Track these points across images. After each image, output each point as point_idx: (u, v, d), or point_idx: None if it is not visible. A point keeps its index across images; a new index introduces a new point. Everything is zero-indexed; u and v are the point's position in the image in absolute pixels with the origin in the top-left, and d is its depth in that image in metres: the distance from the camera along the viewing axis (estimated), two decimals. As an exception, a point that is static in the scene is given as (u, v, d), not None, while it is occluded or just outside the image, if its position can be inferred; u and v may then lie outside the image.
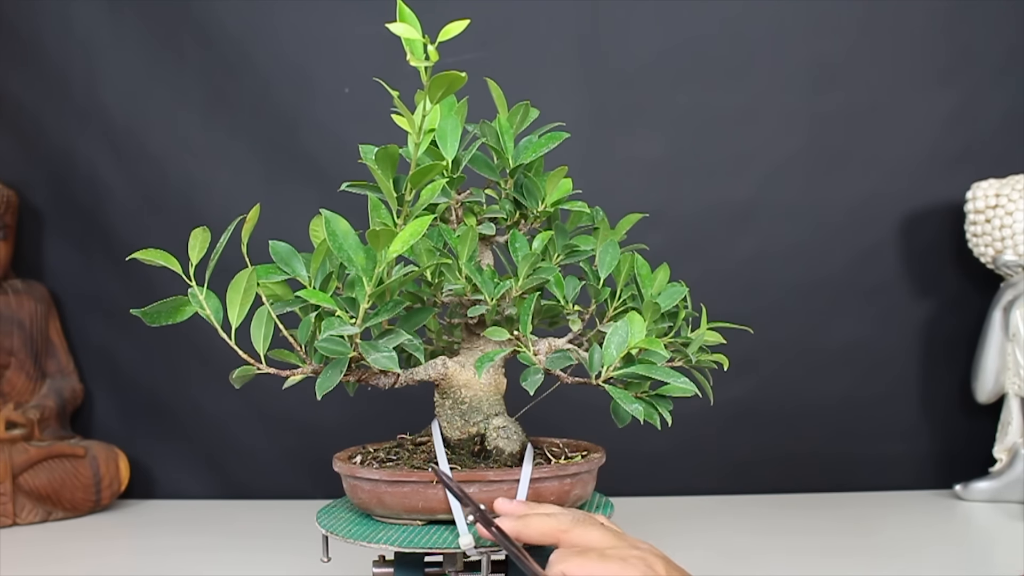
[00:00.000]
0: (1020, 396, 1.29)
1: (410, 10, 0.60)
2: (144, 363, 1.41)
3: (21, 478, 1.27)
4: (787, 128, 1.36)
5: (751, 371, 1.34)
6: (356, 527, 0.71)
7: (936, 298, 1.36)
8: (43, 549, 1.16)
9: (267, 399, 1.36)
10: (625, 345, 0.69)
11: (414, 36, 0.59)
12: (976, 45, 1.34)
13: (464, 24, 0.61)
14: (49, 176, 1.42)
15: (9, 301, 1.37)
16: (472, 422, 0.75)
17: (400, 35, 0.60)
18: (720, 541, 1.12)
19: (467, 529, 0.67)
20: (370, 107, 1.35)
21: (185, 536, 1.20)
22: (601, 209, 0.80)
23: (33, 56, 1.39)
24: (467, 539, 0.66)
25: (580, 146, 0.76)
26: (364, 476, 0.70)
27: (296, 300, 0.72)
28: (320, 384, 0.64)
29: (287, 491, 1.38)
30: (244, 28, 1.37)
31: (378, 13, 1.37)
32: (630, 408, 0.69)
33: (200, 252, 0.67)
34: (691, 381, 0.71)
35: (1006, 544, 1.11)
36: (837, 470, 1.36)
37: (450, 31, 0.60)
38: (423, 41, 0.59)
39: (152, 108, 1.38)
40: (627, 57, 1.36)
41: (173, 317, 0.68)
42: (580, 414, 1.06)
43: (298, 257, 0.72)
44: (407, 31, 0.59)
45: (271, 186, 1.37)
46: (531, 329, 0.71)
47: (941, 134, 1.35)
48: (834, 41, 1.35)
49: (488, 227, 0.73)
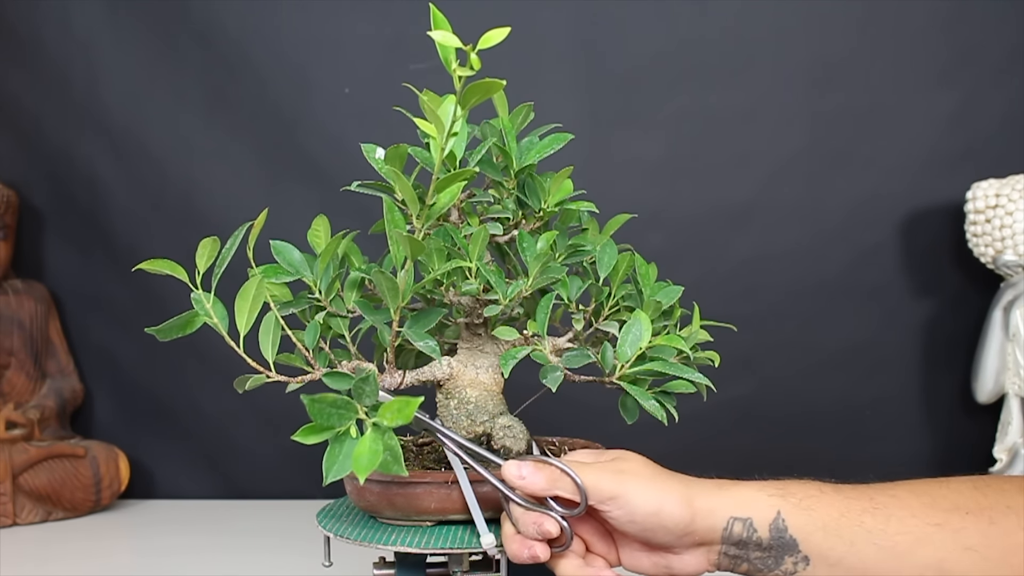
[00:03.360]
0: (1020, 396, 1.29)
1: (443, 16, 0.60)
2: (144, 363, 1.41)
3: (21, 478, 1.27)
4: (787, 128, 1.36)
5: (751, 371, 1.34)
6: (362, 529, 0.71)
7: (936, 298, 1.36)
8: (43, 549, 1.16)
9: (267, 399, 1.36)
10: (639, 342, 0.70)
11: (453, 43, 0.59)
12: (976, 45, 1.34)
13: (505, 32, 0.60)
14: (49, 176, 1.42)
15: (9, 301, 1.37)
16: (478, 422, 0.75)
17: (438, 41, 0.59)
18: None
19: (487, 528, 0.67)
20: (370, 107, 1.36)
21: (185, 536, 1.20)
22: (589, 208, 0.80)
23: (33, 56, 1.39)
24: (489, 539, 0.67)
25: (580, 146, 0.76)
26: (374, 478, 0.70)
27: (304, 300, 0.72)
28: (327, 467, 0.64)
29: (287, 491, 1.38)
30: (244, 28, 1.37)
31: (378, 13, 1.37)
32: (646, 404, 0.70)
33: (208, 262, 0.67)
34: (703, 376, 0.73)
35: (1006, 544, 1.11)
36: (837, 470, 1.34)
37: (490, 39, 0.59)
38: (466, 48, 0.58)
39: (152, 108, 1.38)
40: (627, 57, 1.36)
41: (184, 330, 0.68)
42: (579, 414, 1.06)
43: (303, 259, 0.72)
44: (445, 38, 0.59)
45: (271, 186, 1.37)
46: (546, 328, 0.72)
47: (941, 134, 1.34)
48: (834, 41, 1.35)
49: (495, 227, 0.73)
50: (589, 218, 0.80)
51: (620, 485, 0.63)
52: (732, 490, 0.64)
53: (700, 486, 0.65)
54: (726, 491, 0.64)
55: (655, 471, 0.66)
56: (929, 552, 0.62)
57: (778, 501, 0.63)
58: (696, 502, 0.63)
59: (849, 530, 0.63)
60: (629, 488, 0.63)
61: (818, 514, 0.63)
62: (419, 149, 0.71)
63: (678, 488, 0.64)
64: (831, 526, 0.63)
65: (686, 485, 0.64)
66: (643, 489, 0.63)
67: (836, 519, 0.63)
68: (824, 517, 0.63)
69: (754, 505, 0.64)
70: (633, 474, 0.65)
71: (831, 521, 0.63)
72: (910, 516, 0.63)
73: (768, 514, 0.63)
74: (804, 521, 0.63)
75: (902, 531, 0.62)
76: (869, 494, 0.65)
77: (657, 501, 0.63)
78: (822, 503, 0.64)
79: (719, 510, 0.63)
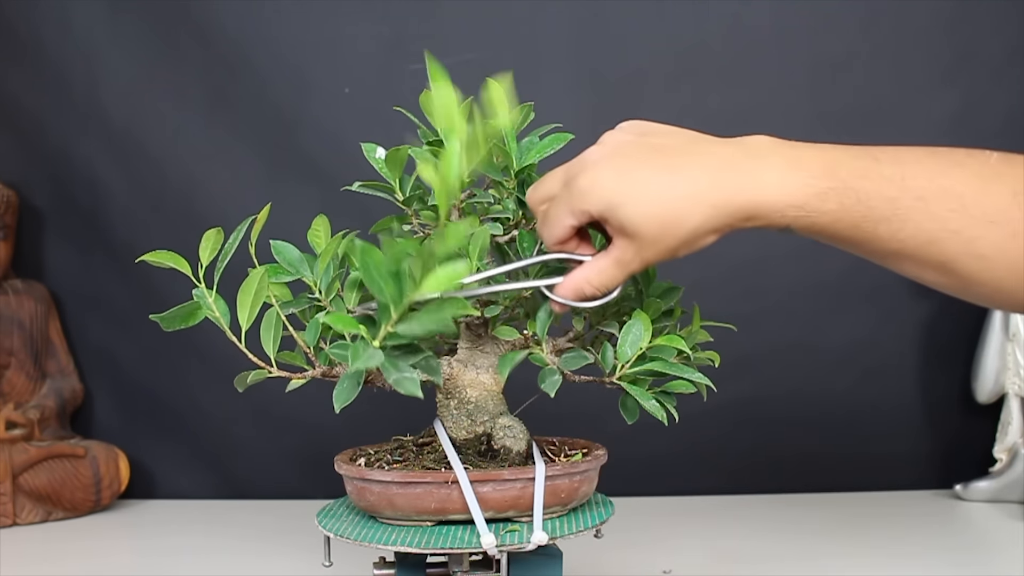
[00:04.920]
0: (1020, 396, 1.29)
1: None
2: (144, 363, 1.41)
3: (21, 478, 1.27)
4: (787, 128, 1.34)
5: (751, 371, 1.34)
6: (363, 529, 0.71)
7: (936, 298, 1.36)
8: (43, 549, 1.16)
9: (268, 399, 1.36)
10: (639, 343, 0.70)
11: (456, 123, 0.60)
12: (977, 45, 1.34)
13: (504, 85, 0.64)
14: (49, 176, 1.42)
15: (9, 301, 1.37)
16: (478, 422, 0.75)
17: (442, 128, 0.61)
18: (720, 541, 1.12)
19: (487, 528, 0.67)
20: (370, 107, 1.36)
21: (185, 536, 1.20)
22: None
23: (33, 56, 1.39)
24: (489, 539, 0.66)
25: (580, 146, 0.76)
26: (375, 479, 0.70)
27: (304, 300, 0.72)
28: (337, 396, 0.64)
29: (287, 491, 1.38)
30: (244, 28, 1.37)
31: (378, 13, 1.37)
32: (646, 404, 0.70)
33: (211, 254, 0.67)
34: (703, 376, 0.73)
35: (1006, 544, 1.11)
36: (837, 470, 1.36)
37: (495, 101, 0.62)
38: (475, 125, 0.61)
39: (152, 108, 1.38)
40: (627, 57, 1.36)
41: (187, 321, 0.68)
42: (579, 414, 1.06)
43: (303, 259, 0.72)
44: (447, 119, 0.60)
45: (271, 186, 1.37)
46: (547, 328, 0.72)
47: (942, 134, 1.34)
48: (835, 41, 1.35)
49: (495, 227, 0.73)
50: None
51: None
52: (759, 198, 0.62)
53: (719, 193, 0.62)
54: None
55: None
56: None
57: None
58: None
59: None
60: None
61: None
62: (419, 150, 0.71)
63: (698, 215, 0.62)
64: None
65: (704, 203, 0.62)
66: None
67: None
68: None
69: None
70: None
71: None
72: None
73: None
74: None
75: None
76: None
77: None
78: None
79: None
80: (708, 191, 0.62)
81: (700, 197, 0.61)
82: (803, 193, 0.61)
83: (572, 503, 0.73)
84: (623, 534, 0.93)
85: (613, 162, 0.63)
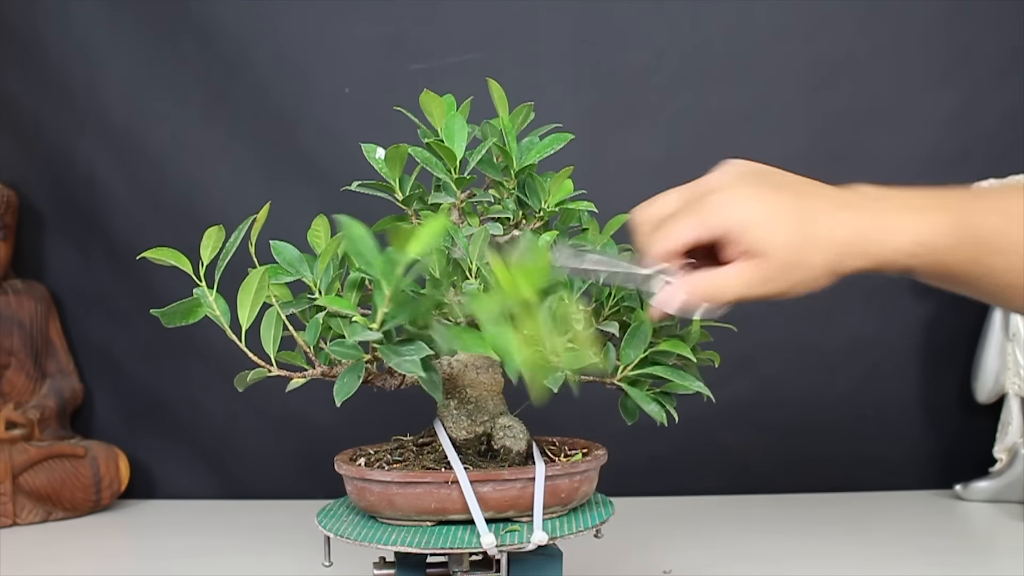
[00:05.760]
0: (1020, 396, 1.29)
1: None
2: (144, 363, 1.41)
3: (21, 478, 1.27)
4: (787, 128, 1.36)
5: (751, 371, 1.34)
6: (363, 528, 0.71)
7: (936, 298, 1.36)
8: (43, 549, 1.16)
9: (267, 399, 1.36)
10: (643, 345, 0.71)
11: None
12: (977, 45, 1.34)
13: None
14: (49, 176, 1.42)
15: (9, 301, 1.37)
16: (478, 421, 0.75)
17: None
18: (720, 541, 1.12)
19: (487, 528, 0.67)
20: (370, 107, 1.36)
21: (185, 536, 1.20)
22: (589, 208, 0.80)
23: (33, 56, 1.39)
24: (489, 539, 0.67)
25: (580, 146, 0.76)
26: (375, 479, 0.70)
27: (304, 300, 0.72)
28: (338, 390, 0.64)
29: (287, 491, 1.38)
30: (244, 28, 1.37)
31: (379, 13, 1.37)
32: (647, 408, 0.70)
33: (213, 251, 0.67)
34: (704, 385, 0.73)
35: (1006, 544, 1.11)
36: (837, 470, 1.36)
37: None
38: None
39: (152, 108, 1.38)
40: (627, 57, 1.36)
41: (187, 318, 0.69)
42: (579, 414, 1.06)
43: (303, 259, 0.72)
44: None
45: (271, 186, 1.37)
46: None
47: (941, 134, 1.34)
48: (835, 41, 1.35)
49: (495, 227, 0.73)
50: (589, 218, 0.80)
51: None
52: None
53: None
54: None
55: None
56: None
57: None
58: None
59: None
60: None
61: None
62: (419, 149, 0.71)
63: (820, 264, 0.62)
64: None
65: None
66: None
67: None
68: None
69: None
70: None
71: None
72: None
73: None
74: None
75: None
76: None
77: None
78: None
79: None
80: (838, 228, 0.62)
81: (832, 234, 0.62)
82: (927, 231, 0.62)
83: (572, 503, 0.74)
84: (623, 534, 0.93)
85: (747, 186, 0.63)
